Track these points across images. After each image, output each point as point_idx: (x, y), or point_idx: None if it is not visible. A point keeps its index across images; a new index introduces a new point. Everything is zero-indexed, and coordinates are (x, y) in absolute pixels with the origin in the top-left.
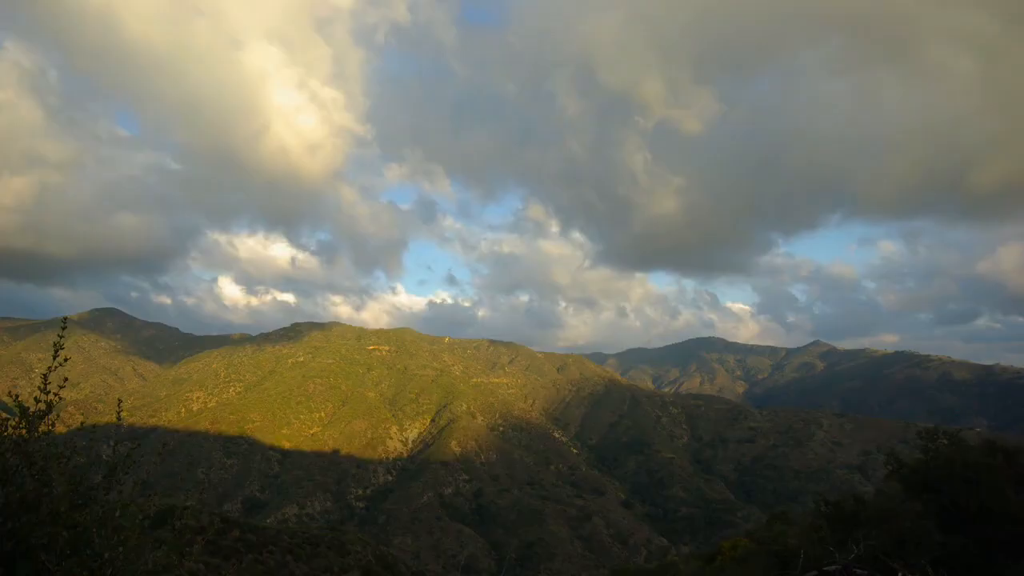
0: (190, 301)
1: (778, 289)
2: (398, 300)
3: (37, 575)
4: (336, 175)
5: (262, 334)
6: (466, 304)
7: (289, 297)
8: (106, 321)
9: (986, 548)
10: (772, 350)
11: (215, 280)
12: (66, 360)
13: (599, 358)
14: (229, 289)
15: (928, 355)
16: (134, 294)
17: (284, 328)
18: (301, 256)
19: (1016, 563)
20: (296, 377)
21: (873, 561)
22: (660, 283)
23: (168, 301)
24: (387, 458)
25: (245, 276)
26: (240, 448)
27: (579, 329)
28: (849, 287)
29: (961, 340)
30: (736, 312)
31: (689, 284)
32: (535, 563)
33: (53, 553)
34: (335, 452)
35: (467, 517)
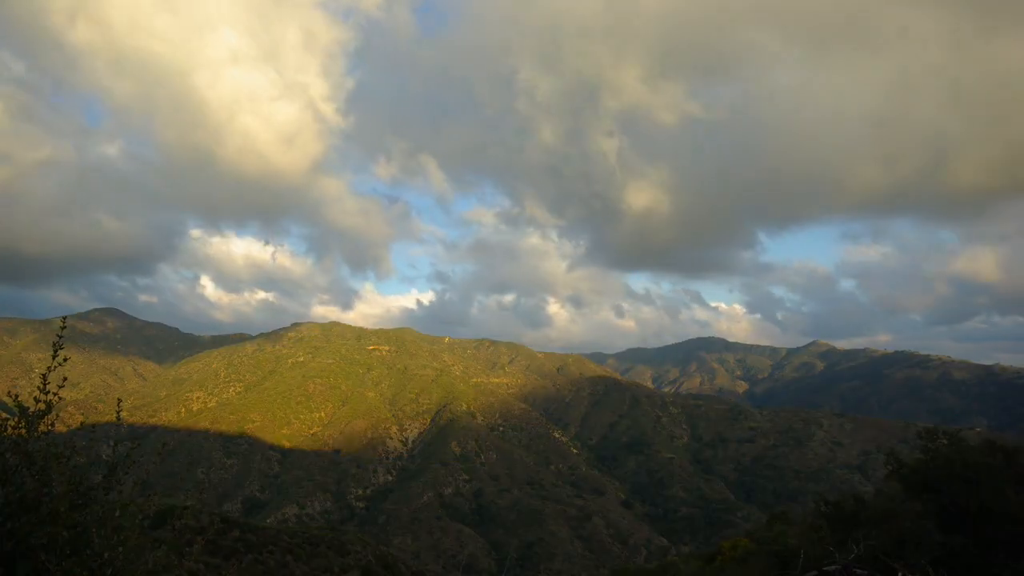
0: (173, 300)
1: (762, 288)
2: (384, 299)
3: (37, 575)
4: (317, 170)
5: (262, 334)
6: (453, 300)
7: (272, 296)
8: (106, 321)
9: (986, 548)
10: (772, 350)
11: (196, 279)
12: (66, 360)
13: (599, 358)
14: (210, 288)
15: (928, 355)
16: (119, 294)
17: (284, 328)
18: (283, 255)
19: (1016, 563)
20: (296, 377)
21: (873, 561)
22: (648, 283)
23: (153, 300)
24: (387, 458)
25: (226, 275)
26: (240, 448)
27: (567, 328)
28: (833, 286)
29: (951, 339)
30: (725, 311)
31: (675, 284)
32: (535, 563)
33: (53, 553)
34: (335, 452)
35: (467, 517)
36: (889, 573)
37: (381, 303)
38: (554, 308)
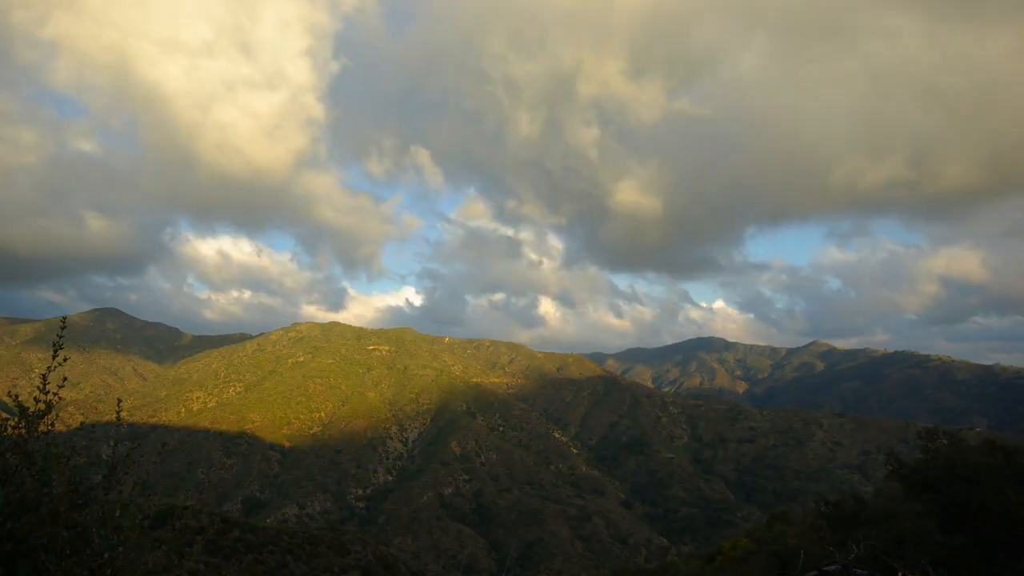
0: (163, 300)
1: (753, 288)
2: (370, 299)
3: (37, 575)
4: (303, 166)
5: (262, 334)
6: (443, 300)
7: (259, 296)
8: (106, 321)
9: (986, 548)
10: (772, 350)
11: (183, 279)
12: (66, 360)
13: (599, 358)
14: (197, 288)
15: (928, 355)
16: (108, 294)
17: (284, 328)
18: (271, 254)
19: (1016, 563)
20: (296, 377)
21: (873, 561)
22: (636, 282)
23: (142, 300)
24: (387, 458)
25: (212, 275)
26: (240, 448)
27: (561, 328)
28: (822, 285)
29: (945, 339)
30: (718, 311)
31: (664, 284)
32: (535, 563)
33: (53, 553)
34: (335, 452)
35: (467, 517)
36: (889, 573)
37: (367, 302)
38: (545, 308)
